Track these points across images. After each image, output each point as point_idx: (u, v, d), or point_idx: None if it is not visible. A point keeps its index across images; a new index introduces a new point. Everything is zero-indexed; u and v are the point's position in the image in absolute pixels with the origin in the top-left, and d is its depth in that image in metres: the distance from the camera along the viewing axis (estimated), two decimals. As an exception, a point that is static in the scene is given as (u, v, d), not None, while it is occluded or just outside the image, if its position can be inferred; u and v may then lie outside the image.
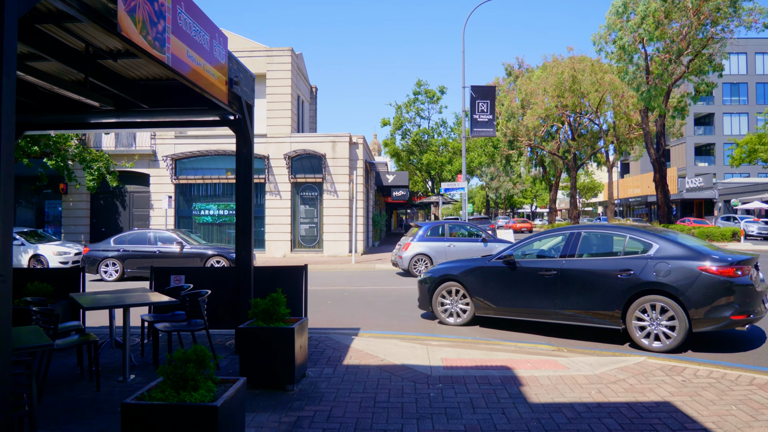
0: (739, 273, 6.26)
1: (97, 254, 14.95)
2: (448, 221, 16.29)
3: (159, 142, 22.37)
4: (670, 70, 26.00)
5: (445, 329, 8.04)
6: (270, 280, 6.95)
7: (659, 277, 6.40)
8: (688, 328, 6.26)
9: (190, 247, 15.02)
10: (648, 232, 7.01)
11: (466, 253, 15.12)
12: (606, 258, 7.01)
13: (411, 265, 14.95)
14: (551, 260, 7.39)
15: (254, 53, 22.30)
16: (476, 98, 22.54)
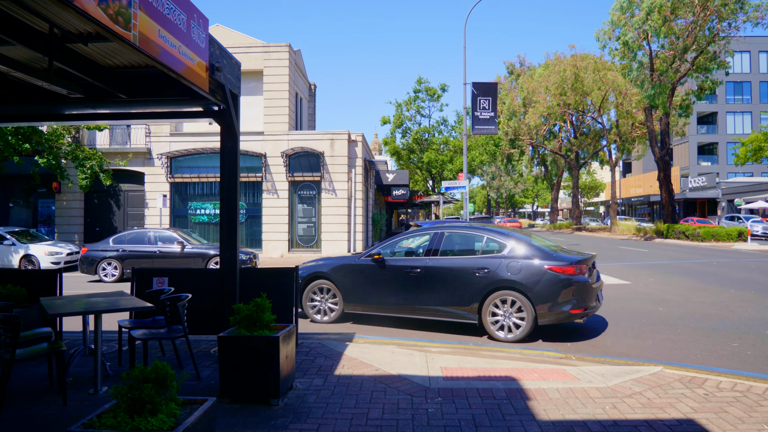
0: (577, 272, 6.95)
1: (95, 254, 14.54)
2: (448, 221, 15.85)
3: (154, 139, 21.95)
4: (674, 67, 25.52)
5: (443, 335, 7.60)
6: (258, 283, 6.51)
7: (511, 274, 6.99)
8: (535, 320, 6.94)
9: (191, 247, 14.61)
10: (503, 233, 7.55)
11: None
12: (466, 257, 7.47)
13: None
14: (417, 259, 7.72)
15: (251, 49, 21.87)
16: (478, 95, 22.09)
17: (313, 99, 28.53)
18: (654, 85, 25.52)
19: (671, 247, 23.96)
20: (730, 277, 13.16)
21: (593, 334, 7.48)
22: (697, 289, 11.32)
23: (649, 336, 7.26)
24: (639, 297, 10.40)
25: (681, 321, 8.15)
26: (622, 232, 36.10)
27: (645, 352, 6.49)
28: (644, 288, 11.58)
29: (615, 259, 18.70)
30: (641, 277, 13.38)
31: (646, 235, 31.74)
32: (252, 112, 22.28)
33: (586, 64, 38.16)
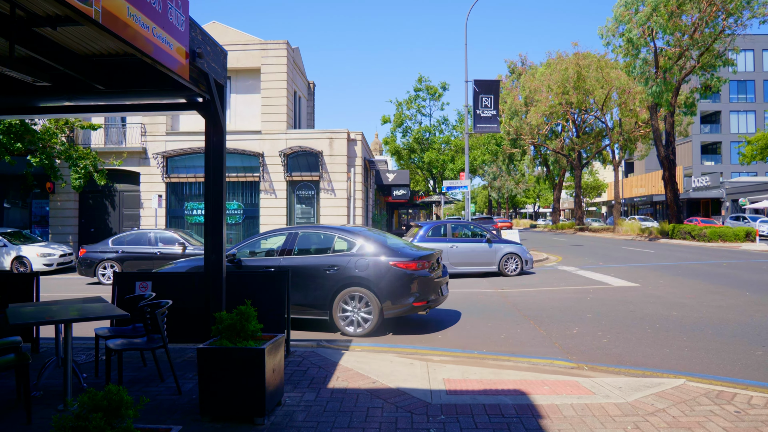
0: (419, 267, 7.34)
1: (94, 256, 14.15)
2: (450, 221, 15.43)
3: (150, 139, 21.53)
4: (680, 65, 25.06)
5: (443, 341, 7.16)
6: (246, 288, 6.09)
7: (359, 271, 7.33)
8: (380, 314, 7.26)
9: (192, 248, 14.21)
10: (354, 232, 7.84)
11: (470, 254, 14.27)
12: (318, 255, 7.74)
13: None
14: (271, 258, 7.86)
15: (248, 47, 21.45)
16: (479, 93, 21.67)
17: (312, 98, 28.11)
18: (659, 82, 25.07)
19: (678, 248, 23.49)
20: (744, 279, 12.70)
21: (604, 340, 7.03)
22: (711, 291, 10.87)
23: (665, 343, 6.82)
24: (650, 300, 9.95)
25: (697, 327, 7.70)
26: (625, 232, 35.63)
27: (662, 361, 6.05)
28: (654, 290, 11.13)
29: (621, 260, 18.24)
30: (650, 279, 12.93)
31: (651, 235, 31.27)
32: (249, 111, 21.87)
33: (588, 63, 37.68)
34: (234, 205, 21.48)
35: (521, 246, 14.87)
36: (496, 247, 14.41)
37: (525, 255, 14.54)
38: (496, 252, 14.37)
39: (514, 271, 14.32)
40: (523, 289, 12.00)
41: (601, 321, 8.21)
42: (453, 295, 11.03)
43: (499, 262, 14.29)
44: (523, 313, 9.02)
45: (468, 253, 14.28)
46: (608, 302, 9.86)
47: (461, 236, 14.91)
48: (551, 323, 8.14)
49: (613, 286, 11.92)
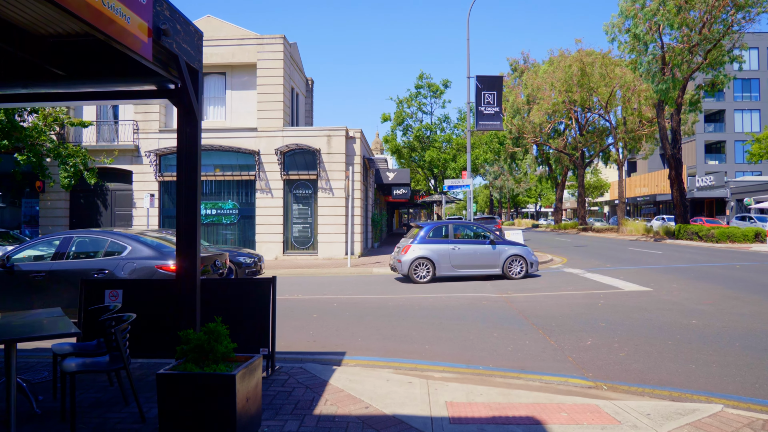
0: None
1: None
2: (452, 221, 14.80)
3: (142, 136, 20.92)
4: (688, 60, 24.39)
5: (445, 354, 6.54)
6: (224, 300, 5.47)
7: (125, 274, 7.41)
8: None
9: None
10: (128, 237, 7.94)
11: (473, 256, 13.67)
12: (88, 259, 7.76)
13: (411, 270, 13.43)
14: (43, 263, 7.81)
15: (244, 41, 20.83)
16: (482, 89, 21.03)
17: (310, 95, 27.49)
18: (666, 79, 24.40)
19: (685, 249, 22.84)
20: (762, 283, 12.07)
21: (621, 353, 6.41)
22: (729, 297, 10.23)
23: (690, 357, 6.19)
24: (665, 307, 9.32)
25: (722, 338, 7.07)
26: (630, 232, 34.97)
27: (689, 379, 5.42)
28: (669, 296, 10.50)
29: (629, 262, 17.60)
30: (662, 283, 12.29)
31: (657, 235, 30.61)
32: (245, 108, 21.25)
33: (592, 60, 37.01)
34: (229, 204, 20.87)
35: (526, 247, 14.26)
36: (500, 249, 13.80)
37: (530, 257, 13.95)
38: (500, 254, 13.76)
39: (518, 274, 13.73)
40: (530, 293, 11.37)
41: (616, 331, 7.59)
42: (455, 301, 10.40)
43: (503, 264, 13.70)
44: (531, 321, 8.40)
45: (470, 255, 13.67)
46: (621, 309, 9.23)
47: (463, 237, 14.29)
48: (562, 333, 7.52)
49: (625, 291, 11.29)
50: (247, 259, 13.69)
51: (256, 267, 13.87)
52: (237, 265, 13.43)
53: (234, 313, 5.43)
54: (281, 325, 8.26)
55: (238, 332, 5.21)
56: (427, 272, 13.40)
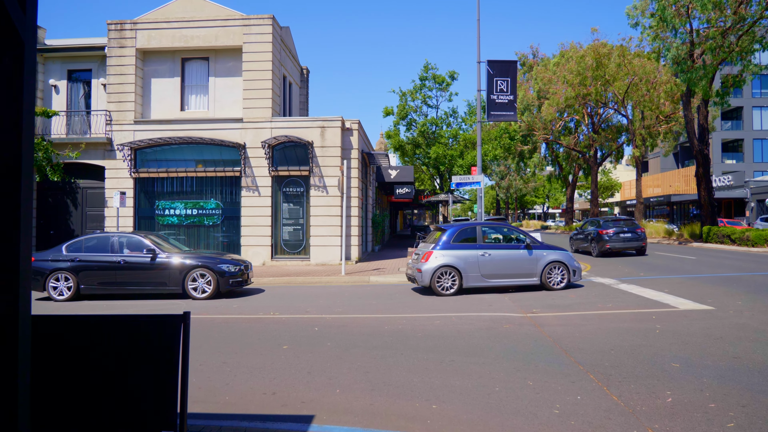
0: None
1: (44, 265, 11.55)
2: (480, 223, 12.63)
3: (116, 128, 18.84)
4: (720, 44, 22.09)
5: (455, 421, 4.36)
6: (94, 357, 3.29)
7: None
8: None
9: (165, 255, 11.55)
10: None
11: (507, 264, 11.58)
12: None
13: (434, 281, 11.27)
14: None
15: (228, 22, 18.72)
16: (494, 75, 18.83)
17: (305, 85, 25.37)
18: (696, 67, 22.11)
19: (721, 254, 20.55)
20: (844, 299, 9.81)
21: (729, 424, 4.20)
22: (822, 320, 7.99)
23: None
24: (747, 336, 7.09)
25: None
26: (650, 234, 32.64)
27: None
28: (740, 318, 8.27)
29: (664, 270, 15.36)
30: (721, 299, 10.05)
31: (681, 238, 28.30)
32: (231, 96, 19.14)
33: (608, 51, 34.74)
34: (212, 204, 18.75)
35: (566, 252, 12.15)
36: (537, 255, 11.70)
37: (572, 264, 11.87)
38: (537, 260, 11.66)
39: (559, 284, 11.67)
40: (560, 312, 9.16)
41: (699, 376, 5.39)
42: (468, 324, 8.20)
43: (541, 272, 11.64)
44: (575, 357, 6.20)
45: (503, 262, 11.56)
46: (689, 338, 7.01)
47: (494, 241, 12.25)
48: (624, 380, 5.32)
49: (680, 310, 9.06)
50: (232, 267, 11.64)
51: (242, 276, 11.80)
52: (219, 274, 11.39)
53: (111, 379, 3.26)
54: (236, 363, 6.11)
55: (120, 408, 3.07)
56: (453, 283, 11.31)
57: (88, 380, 3.20)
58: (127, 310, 10.35)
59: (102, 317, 3.34)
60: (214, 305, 10.66)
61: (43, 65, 19.77)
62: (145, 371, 3.32)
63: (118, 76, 18.87)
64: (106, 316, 3.33)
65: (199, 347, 7.01)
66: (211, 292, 11.42)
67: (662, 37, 24.32)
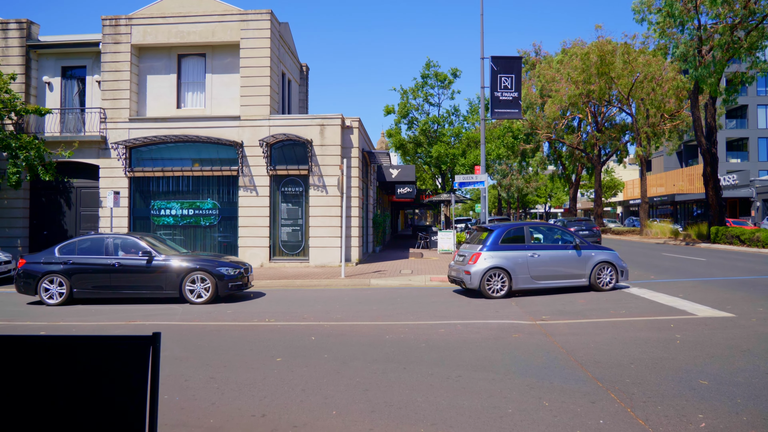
0: None
1: (36, 268, 11.16)
2: (527, 223, 12.26)
3: (110, 126, 18.36)
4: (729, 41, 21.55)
5: None
6: (28, 388, 2.80)
7: None
8: None
9: (161, 258, 11.10)
10: None
11: (556, 264, 11.33)
12: None
13: (483, 283, 10.96)
14: None
15: (225, 17, 18.23)
16: (498, 72, 18.34)
17: (305, 83, 24.87)
18: (706, 62, 21.58)
19: (731, 255, 20.03)
20: None
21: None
22: None
23: None
24: (776, 347, 6.59)
25: None
26: (655, 234, 32.13)
27: None
28: (765, 327, 7.77)
29: (675, 272, 14.85)
30: (740, 304, 9.55)
31: (688, 238, 27.77)
32: (228, 93, 18.66)
33: (612, 48, 34.19)
34: (208, 204, 18.27)
35: (613, 252, 11.93)
36: (586, 255, 11.51)
37: (620, 264, 11.67)
38: (586, 261, 11.47)
39: (608, 284, 11.52)
40: (572, 320, 8.67)
41: (733, 396, 4.89)
42: (475, 332, 7.71)
43: (590, 273, 11.45)
44: (592, 372, 5.71)
45: (553, 263, 11.33)
46: (713, 350, 6.52)
47: (542, 242, 11.95)
48: (650, 400, 4.83)
49: (700, 318, 8.56)
50: (231, 270, 11.18)
51: (242, 280, 11.34)
52: (218, 277, 10.93)
53: (62, 413, 2.78)
54: (225, 379, 5.64)
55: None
56: (503, 285, 11.02)
57: (32, 414, 2.72)
58: (120, 314, 9.87)
59: (53, 338, 2.86)
60: (208, 311, 10.19)
61: (37, 62, 19.31)
62: (104, 403, 2.83)
63: (113, 73, 18.40)
64: (59, 337, 2.85)
65: (187, 359, 6.54)
66: (210, 296, 10.94)
67: (669, 33, 23.80)
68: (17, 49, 18.84)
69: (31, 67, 19.13)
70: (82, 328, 8.85)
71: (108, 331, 8.49)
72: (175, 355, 6.77)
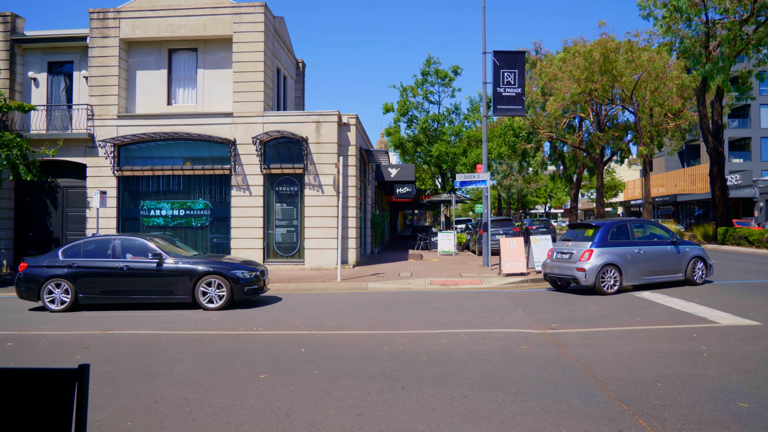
0: None
1: (38, 272, 10.50)
2: (629, 220, 12.38)
3: (98, 123, 17.69)
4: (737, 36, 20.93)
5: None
6: None
7: None
8: None
9: (172, 260, 10.41)
10: None
11: (658, 260, 11.61)
12: None
13: (598, 279, 11.05)
14: None
15: (217, 10, 17.57)
16: (500, 67, 17.70)
17: (301, 80, 24.22)
18: (714, 58, 20.96)
19: (741, 257, 19.40)
20: None
21: None
22: None
23: None
24: (815, 361, 5.93)
25: None
26: (659, 235, 31.46)
27: None
28: (796, 336, 7.12)
29: (686, 275, 14.18)
30: (764, 311, 8.91)
31: (694, 239, 27.13)
32: (220, 89, 18.00)
33: (616, 46, 33.51)
34: (200, 204, 17.61)
35: (701, 248, 12.39)
36: (683, 251, 11.92)
37: (708, 259, 12.21)
38: (683, 256, 11.88)
39: (701, 278, 11.98)
40: (584, 329, 8.01)
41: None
42: (479, 343, 7.04)
43: (686, 268, 11.88)
44: (613, 391, 5.06)
45: (656, 259, 11.63)
46: (745, 364, 5.87)
47: (645, 238, 11.96)
48: (685, 428, 4.18)
49: (722, 326, 7.91)
50: (247, 273, 10.51)
51: (258, 283, 10.66)
52: (233, 281, 10.22)
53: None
54: (200, 400, 4.98)
55: None
56: (615, 281, 11.15)
57: None
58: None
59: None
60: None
61: (22, 57, 18.64)
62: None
63: (101, 68, 17.73)
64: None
65: (161, 375, 5.88)
66: (225, 301, 10.19)
67: (674, 29, 23.22)
68: (1, 43, 18.18)
69: (15, 63, 18.46)
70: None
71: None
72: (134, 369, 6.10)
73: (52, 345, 7.65)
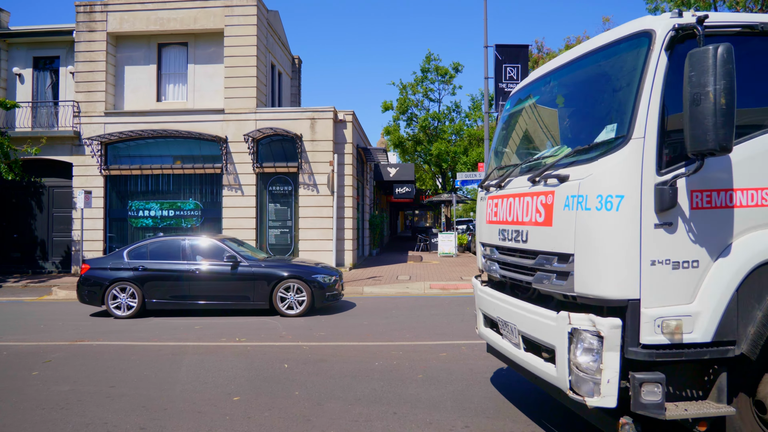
0: None
1: (102, 275, 9.79)
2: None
3: (84, 120, 17.01)
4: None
5: None
6: None
7: None
8: None
9: (247, 263, 9.69)
10: None
11: None
12: None
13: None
14: None
15: (208, 3, 16.88)
16: (503, 61, 17.01)
17: (297, 76, 23.53)
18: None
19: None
20: None
21: None
22: None
23: None
24: None
25: None
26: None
27: None
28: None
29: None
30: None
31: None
32: (212, 85, 17.32)
33: (620, 42, 32.81)
34: (190, 204, 16.92)
35: None
36: None
37: None
38: None
39: None
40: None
41: None
42: (481, 356, 6.32)
43: None
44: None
45: None
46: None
47: None
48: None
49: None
50: (327, 278, 9.75)
51: (337, 288, 9.92)
52: (314, 286, 9.49)
53: None
54: (159, 429, 4.25)
55: None
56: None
57: None
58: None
59: None
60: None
61: (7, 52, 17.98)
62: None
63: (88, 63, 17.06)
64: None
65: (120, 396, 5.17)
66: (305, 307, 9.44)
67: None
68: (-16, 37, 17.53)
69: (0, 58, 17.80)
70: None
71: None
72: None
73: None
